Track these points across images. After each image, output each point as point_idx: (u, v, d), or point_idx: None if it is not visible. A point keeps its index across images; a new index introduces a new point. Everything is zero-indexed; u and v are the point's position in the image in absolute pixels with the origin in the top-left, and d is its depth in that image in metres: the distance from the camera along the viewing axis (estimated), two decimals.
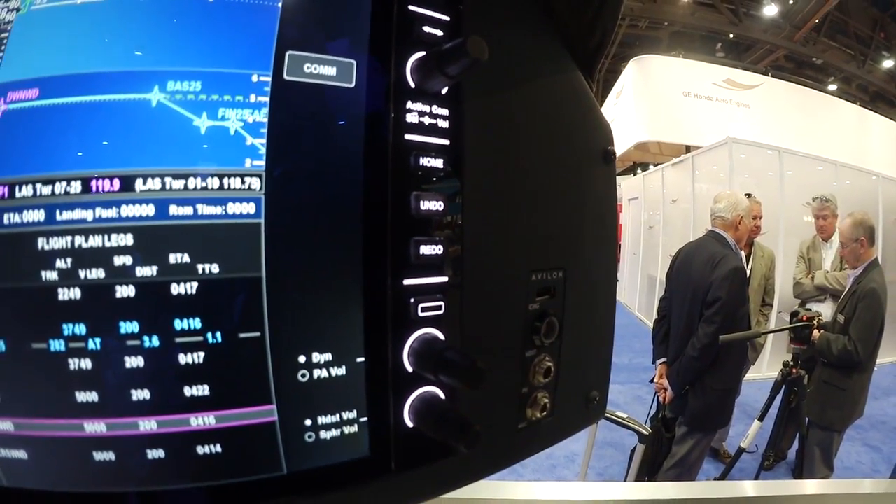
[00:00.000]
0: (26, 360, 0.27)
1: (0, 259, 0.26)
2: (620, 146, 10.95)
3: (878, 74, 13.23)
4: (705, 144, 8.17)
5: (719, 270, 2.47)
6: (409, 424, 0.34)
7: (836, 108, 10.90)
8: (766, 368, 5.26)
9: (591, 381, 0.48)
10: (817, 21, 11.69)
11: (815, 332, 2.70)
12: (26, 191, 0.26)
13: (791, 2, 11.63)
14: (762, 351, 3.97)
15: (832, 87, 13.93)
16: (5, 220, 0.26)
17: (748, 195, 3.62)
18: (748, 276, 3.50)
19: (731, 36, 12.62)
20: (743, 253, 3.42)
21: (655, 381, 3.03)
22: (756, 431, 2.58)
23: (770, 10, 11.24)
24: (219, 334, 0.27)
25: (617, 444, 3.96)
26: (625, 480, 2.13)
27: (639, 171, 12.20)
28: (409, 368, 0.33)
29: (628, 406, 4.36)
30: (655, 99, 9.61)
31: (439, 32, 0.34)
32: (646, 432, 1.94)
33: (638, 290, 9.36)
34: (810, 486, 1.14)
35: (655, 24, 12.83)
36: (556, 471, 3.76)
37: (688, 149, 9.32)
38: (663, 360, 2.91)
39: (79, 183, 0.26)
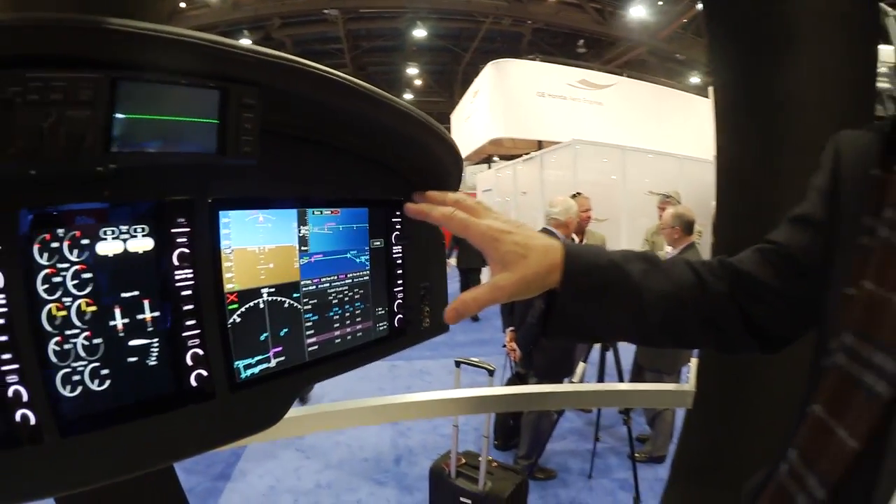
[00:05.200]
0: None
1: None
2: (476, 142, 11.70)
3: None
4: (557, 139, 9.14)
5: None
6: (400, 316, 0.98)
7: (690, 104, 11.89)
8: None
9: (439, 312, 1.06)
10: (685, 21, 12.22)
11: None
12: None
13: (660, 2, 11.98)
14: None
15: (695, 80, 14.73)
16: None
17: (578, 194, 4.59)
18: None
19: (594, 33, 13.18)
20: (577, 240, 4.38)
21: (507, 344, 3.89)
22: (583, 370, 3.39)
23: (637, 12, 11.67)
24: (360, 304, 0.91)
25: None
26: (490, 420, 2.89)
27: (493, 162, 13.09)
28: (401, 309, 0.98)
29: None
30: (510, 99, 10.44)
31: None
32: (492, 368, 2.71)
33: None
34: (636, 386, 1.89)
35: (519, 21, 13.35)
36: (439, 430, 4.52)
37: (540, 144, 10.32)
38: (511, 328, 3.76)
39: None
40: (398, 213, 0.96)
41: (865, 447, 0.56)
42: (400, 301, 0.98)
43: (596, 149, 7.98)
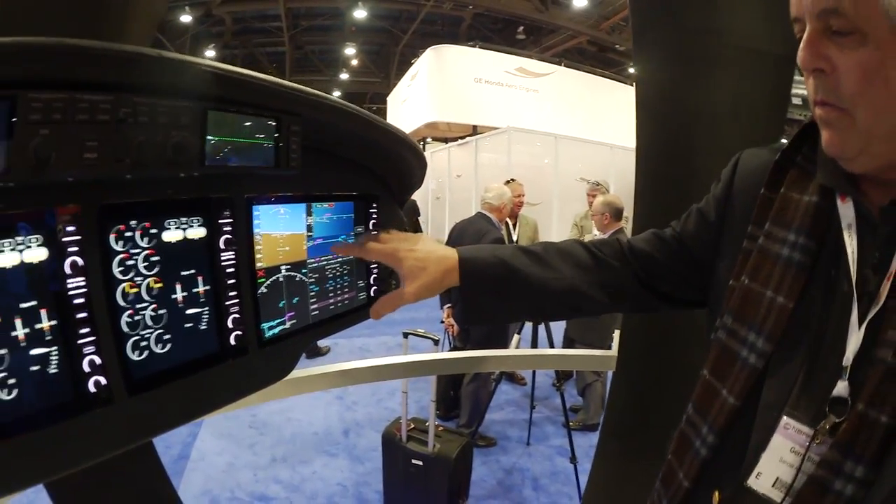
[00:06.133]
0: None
1: None
2: (412, 124, 11.66)
3: None
4: (492, 124, 9.32)
5: (484, 240, 3.59)
6: (375, 287, 1.19)
7: (624, 94, 11.99)
8: None
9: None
10: (627, 13, 12.30)
11: None
12: None
13: None
14: None
15: (633, 71, 15.03)
16: None
17: (512, 180, 4.87)
18: (516, 241, 4.75)
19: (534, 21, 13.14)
20: (510, 223, 4.67)
21: (444, 320, 4.16)
22: (517, 342, 3.67)
23: (579, 2, 11.67)
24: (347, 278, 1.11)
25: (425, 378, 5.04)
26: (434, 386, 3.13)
27: (428, 144, 13.18)
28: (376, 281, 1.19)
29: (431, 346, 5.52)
30: (447, 84, 10.59)
31: None
32: (436, 338, 2.94)
33: None
34: (565, 352, 2.13)
35: (460, 6, 13.26)
36: (382, 403, 4.73)
37: (475, 128, 10.53)
38: (448, 304, 4.03)
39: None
40: (374, 205, 1.16)
41: (743, 404, 0.72)
42: (375, 275, 1.19)
43: (530, 136, 8.27)
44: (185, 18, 12.71)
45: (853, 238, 0.68)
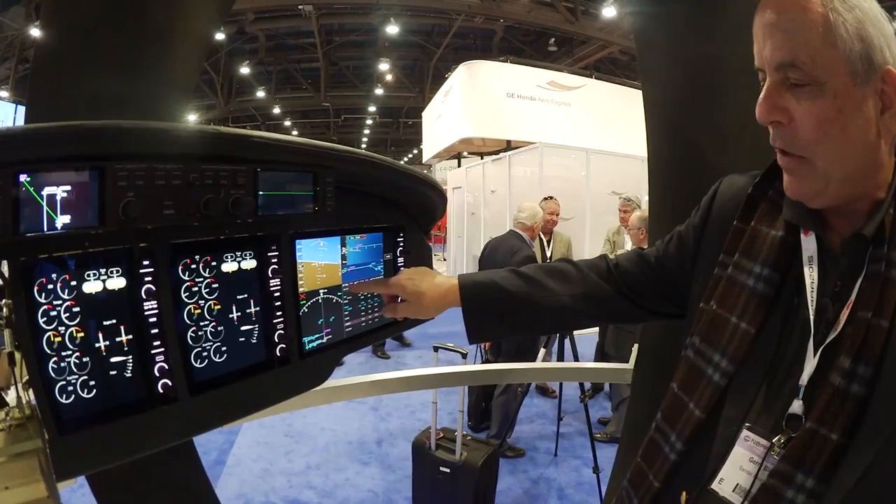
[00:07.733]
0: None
1: None
2: (447, 140, 11.83)
3: None
4: (525, 139, 9.37)
5: (516, 257, 3.71)
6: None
7: None
8: None
9: None
10: None
11: None
12: None
13: None
14: None
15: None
16: None
17: (550, 197, 4.97)
18: (550, 256, 4.85)
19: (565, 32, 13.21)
20: (545, 240, 4.78)
21: None
22: (543, 355, 3.73)
23: (609, 12, 11.55)
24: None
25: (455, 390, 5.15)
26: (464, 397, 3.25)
27: (464, 158, 13.24)
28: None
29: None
30: (480, 99, 10.65)
31: None
32: (464, 352, 3.04)
33: (464, 268, 10.62)
34: (583, 364, 2.23)
35: (491, 19, 13.35)
36: (416, 414, 4.84)
37: (509, 143, 10.61)
38: None
39: None
40: (401, 235, 1.30)
41: (708, 416, 0.78)
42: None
43: (561, 150, 8.33)
44: (219, 35, 13.09)
45: (814, 270, 0.73)
